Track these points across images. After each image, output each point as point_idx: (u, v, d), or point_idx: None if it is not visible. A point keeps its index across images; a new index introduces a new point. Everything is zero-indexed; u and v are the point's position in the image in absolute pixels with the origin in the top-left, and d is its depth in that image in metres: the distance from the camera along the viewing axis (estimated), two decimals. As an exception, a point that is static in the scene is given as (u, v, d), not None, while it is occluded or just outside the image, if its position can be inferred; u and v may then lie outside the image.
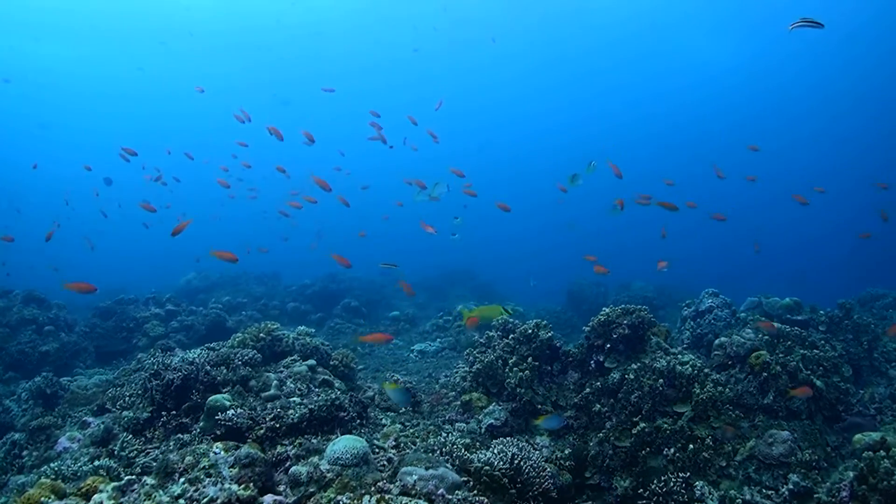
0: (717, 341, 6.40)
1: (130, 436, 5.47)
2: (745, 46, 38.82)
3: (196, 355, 6.47)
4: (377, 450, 5.02)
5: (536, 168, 48.28)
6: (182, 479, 3.69)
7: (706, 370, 5.44)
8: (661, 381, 5.38)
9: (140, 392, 6.42)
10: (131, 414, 5.97)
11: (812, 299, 11.15)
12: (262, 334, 7.02)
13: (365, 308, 14.60)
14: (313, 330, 7.48)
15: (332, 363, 7.13)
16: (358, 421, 5.32)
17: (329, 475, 3.92)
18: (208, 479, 3.66)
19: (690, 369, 5.35)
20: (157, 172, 12.11)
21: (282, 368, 6.53)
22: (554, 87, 46.33)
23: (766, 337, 6.47)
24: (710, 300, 7.92)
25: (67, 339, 10.67)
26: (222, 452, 3.94)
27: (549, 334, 6.32)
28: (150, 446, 5.60)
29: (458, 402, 6.33)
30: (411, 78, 43.45)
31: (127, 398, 6.55)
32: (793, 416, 5.70)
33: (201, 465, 3.75)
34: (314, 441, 4.88)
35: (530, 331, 6.30)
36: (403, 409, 6.32)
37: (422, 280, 20.29)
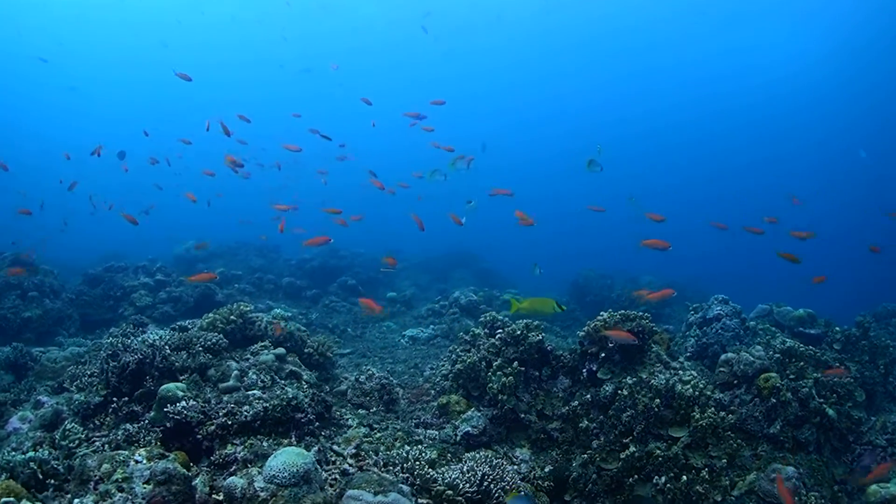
0: (723, 356, 5.76)
1: (74, 424, 5.00)
2: (754, 41, 37.27)
3: (157, 337, 5.97)
4: (334, 457, 4.50)
5: (546, 154, 47.20)
6: (91, 495, 3.18)
7: (708, 391, 4.81)
8: (657, 400, 4.77)
9: (98, 372, 5.95)
10: (82, 397, 5.50)
11: (825, 307, 10.38)
12: (233, 316, 6.50)
13: (363, 287, 14.08)
14: (290, 313, 6.97)
15: (306, 350, 6.61)
16: (317, 423, 4.78)
17: (262, 494, 3.39)
18: (119, 495, 3.15)
19: (692, 390, 4.73)
20: (97, 145, 11.71)
21: (249, 356, 6.01)
22: (565, 73, 45.16)
23: (778, 355, 5.82)
24: (718, 307, 7.25)
25: (51, 306, 10.25)
26: (144, 461, 3.43)
27: (539, 337, 5.72)
28: (97, 434, 5.13)
29: (436, 404, 5.78)
30: (421, 59, 42.57)
31: (85, 378, 6.08)
32: (800, 447, 5.09)
33: (115, 478, 3.25)
34: (265, 444, 4.36)
35: (519, 332, 5.70)
36: (375, 409, 5.79)
37: (424, 261, 19.73)
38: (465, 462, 4.44)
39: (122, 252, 19.50)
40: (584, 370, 5.60)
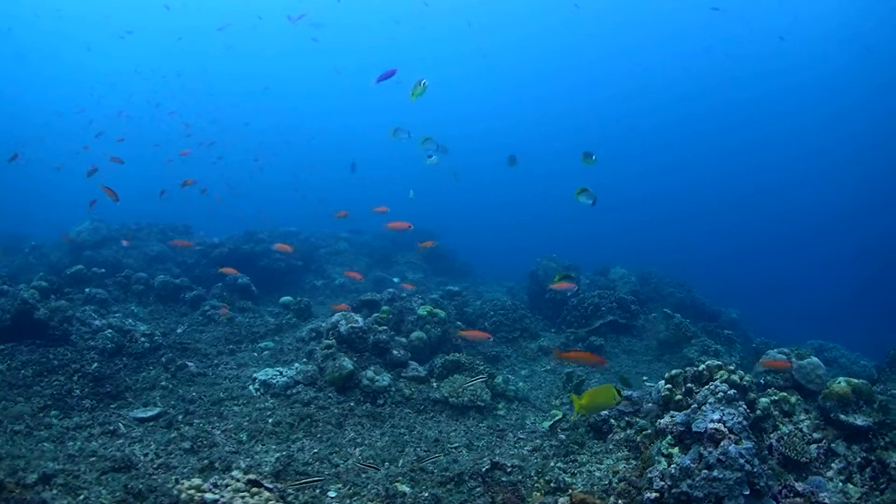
0: None
1: None
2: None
3: None
4: None
5: (516, 138, 42.39)
6: None
7: None
8: None
9: None
10: None
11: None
12: None
13: (256, 287, 10.49)
14: None
15: None
16: None
17: None
18: None
19: None
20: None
21: None
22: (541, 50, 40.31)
23: None
24: (714, 413, 3.52)
25: None
26: None
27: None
28: None
29: None
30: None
31: None
32: None
33: None
34: None
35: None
36: None
37: (371, 239, 16.05)
38: None
39: (26, 233, 16.09)
40: None
